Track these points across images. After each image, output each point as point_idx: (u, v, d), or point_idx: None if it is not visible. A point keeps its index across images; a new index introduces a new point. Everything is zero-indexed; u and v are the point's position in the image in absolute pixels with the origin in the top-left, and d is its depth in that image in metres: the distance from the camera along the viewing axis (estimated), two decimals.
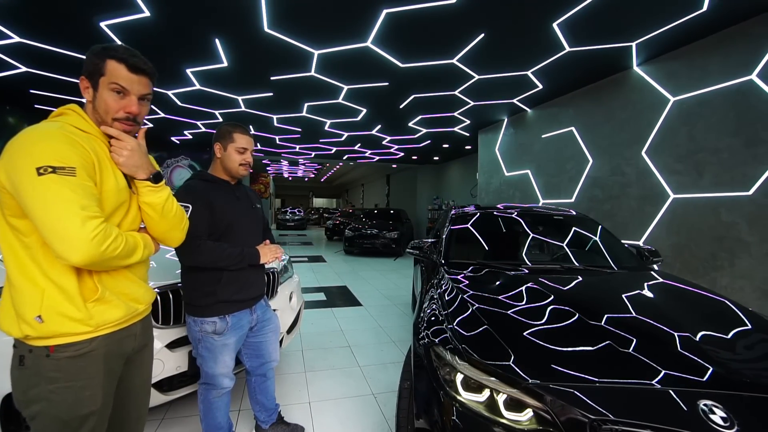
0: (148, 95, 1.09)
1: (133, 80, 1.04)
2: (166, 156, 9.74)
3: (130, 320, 1.11)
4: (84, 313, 0.97)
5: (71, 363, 0.97)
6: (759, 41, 2.97)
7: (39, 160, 0.87)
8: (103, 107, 1.02)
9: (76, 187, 0.90)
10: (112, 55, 1.02)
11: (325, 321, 4.13)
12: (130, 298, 1.10)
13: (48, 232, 0.88)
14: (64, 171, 0.89)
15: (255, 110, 6.15)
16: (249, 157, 1.70)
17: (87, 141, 0.98)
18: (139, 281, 1.15)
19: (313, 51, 3.78)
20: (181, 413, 2.23)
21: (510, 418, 1.10)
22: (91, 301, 0.99)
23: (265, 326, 1.86)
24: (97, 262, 0.92)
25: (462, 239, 2.68)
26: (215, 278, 1.60)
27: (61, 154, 0.90)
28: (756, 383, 1.13)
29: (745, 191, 3.06)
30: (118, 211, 1.05)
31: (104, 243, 0.91)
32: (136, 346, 1.15)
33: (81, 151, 0.95)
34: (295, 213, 19.83)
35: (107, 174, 1.02)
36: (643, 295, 1.82)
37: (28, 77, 4.65)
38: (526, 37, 3.44)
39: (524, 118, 6.05)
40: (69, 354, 0.96)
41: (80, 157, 0.94)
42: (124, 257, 1.00)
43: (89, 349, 0.99)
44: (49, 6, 3.01)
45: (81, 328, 0.97)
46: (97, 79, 1.02)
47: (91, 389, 1.00)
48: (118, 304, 1.05)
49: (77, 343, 0.98)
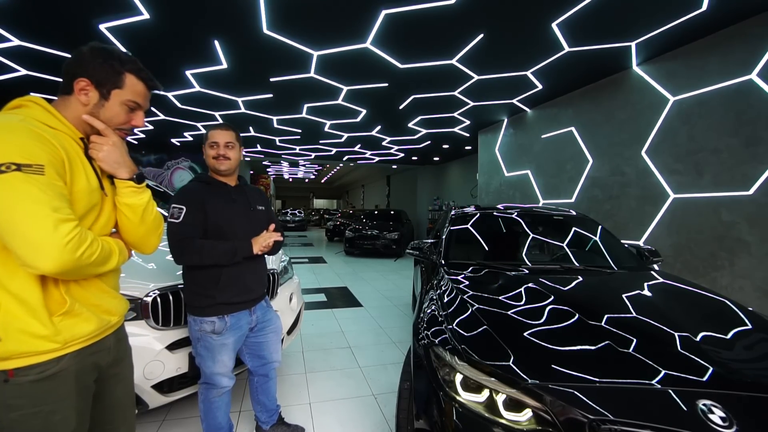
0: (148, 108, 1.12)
1: (147, 97, 1.06)
2: (166, 158, 9.75)
3: (102, 333, 1.01)
4: (50, 328, 0.86)
5: (36, 386, 0.86)
6: (758, 41, 2.97)
7: (1, 156, 0.77)
8: (109, 117, 0.99)
9: (46, 187, 0.80)
10: (130, 69, 0.99)
11: (326, 322, 4.13)
12: (101, 310, 1.00)
13: (13, 237, 0.77)
14: (30, 169, 0.79)
15: (255, 112, 6.16)
16: (222, 150, 1.65)
17: (54, 137, 0.88)
18: (111, 291, 1.06)
19: (313, 52, 3.79)
20: (181, 414, 2.23)
21: (509, 419, 1.10)
22: (58, 315, 0.88)
23: (265, 327, 1.85)
24: (70, 269, 0.83)
25: (462, 240, 2.68)
26: (213, 281, 1.60)
27: (26, 150, 0.80)
28: (756, 383, 1.13)
29: (745, 191, 3.06)
30: (89, 214, 0.97)
31: (79, 249, 0.82)
32: (110, 360, 1.05)
33: (49, 148, 0.85)
34: (295, 214, 19.87)
35: (78, 173, 0.92)
36: (643, 295, 1.82)
37: (27, 80, 4.66)
38: (525, 38, 3.44)
39: (524, 118, 6.06)
40: (32, 377, 0.85)
41: (48, 154, 0.83)
42: (100, 264, 0.91)
43: (57, 369, 0.88)
44: (49, 8, 3.02)
45: (46, 345, 0.86)
46: (110, 89, 0.98)
47: (62, 412, 0.90)
48: (89, 317, 0.95)
49: (41, 364, 0.86)
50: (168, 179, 9.70)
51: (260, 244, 1.68)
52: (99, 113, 0.98)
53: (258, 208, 1.81)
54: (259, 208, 1.82)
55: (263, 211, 1.84)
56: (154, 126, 7.24)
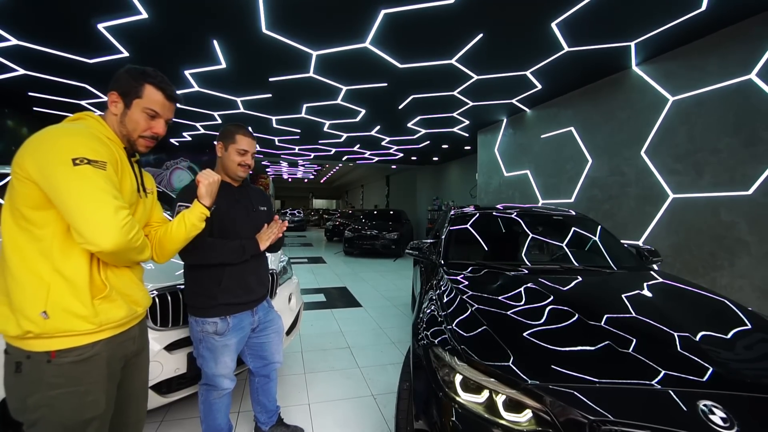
0: (171, 119, 1.21)
1: (166, 106, 1.15)
2: (165, 158, 9.73)
3: (129, 322, 1.13)
4: (90, 310, 0.97)
5: (74, 368, 0.97)
6: (758, 41, 2.97)
7: (75, 152, 0.92)
8: (133, 125, 1.11)
9: (108, 180, 0.96)
10: (150, 80, 1.11)
11: (325, 322, 4.12)
12: (131, 300, 1.12)
13: (80, 219, 0.90)
14: (97, 164, 0.94)
15: (254, 111, 6.15)
16: (249, 159, 1.69)
17: (110, 145, 1.06)
18: (139, 283, 1.18)
19: (312, 52, 3.78)
20: (179, 415, 2.22)
21: (509, 419, 1.10)
22: (98, 298, 1.00)
23: (267, 327, 1.85)
24: (122, 249, 0.96)
25: (461, 240, 2.67)
26: (215, 281, 1.60)
27: (93, 149, 0.96)
28: (756, 383, 1.12)
29: (745, 191, 3.06)
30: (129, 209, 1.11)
31: (131, 232, 0.97)
32: (134, 349, 1.17)
33: (108, 149, 1.02)
34: (294, 214, 19.87)
35: (126, 174, 1.10)
36: (643, 295, 1.82)
37: (26, 80, 4.65)
38: (524, 37, 3.44)
39: (523, 118, 6.05)
40: (71, 359, 0.96)
41: (109, 154, 1.01)
42: (140, 251, 1.06)
43: (92, 353, 1.00)
44: (47, 8, 3.01)
45: (85, 326, 0.97)
46: (132, 99, 1.10)
47: (94, 394, 1.00)
48: (121, 305, 1.07)
49: (79, 348, 0.97)
50: (167, 179, 9.68)
51: (268, 236, 1.69)
52: (125, 122, 1.11)
53: (260, 209, 1.82)
54: (261, 209, 1.82)
55: (264, 212, 1.84)
56: None
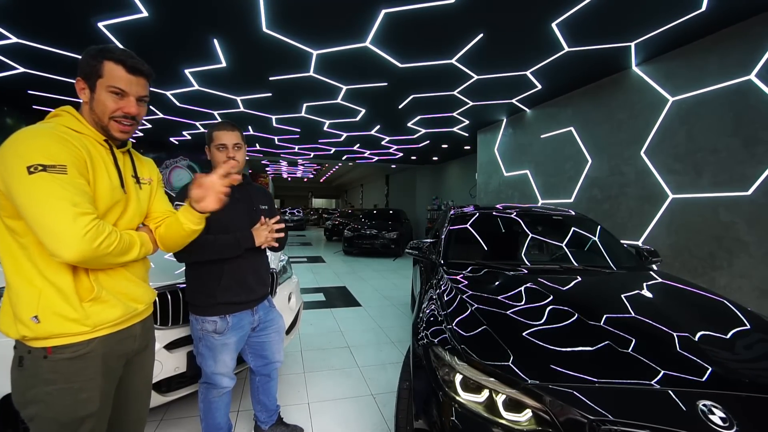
0: (145, 97, 1.10)
1: (132, 81, 1.04)
2: (165, 157, 9.71)
3: (129, 320, 1.10)
4: (80, 312, 0.96)
5: (69, 364, 0.96)
6: (757, 41, 2.97)
7: (29, 159, 0.87)
8: (101, 108, 1.02)
9: (67, 185, 0.90)
10: (109, 56, 1.01)
11: (324, 322, 4.12)
12: (128, 298, 1.09)
13: (40, 230, 0.88)
14: (54, 169, 0.89)
15: (254, 111, 6.15)
16: (231, 152, 1.63)
17: (79, 140, 0.99)
18: (137, 280, 1.14)
19: (312, 51, 3.77)
20: (179, 414, 2.22)
21: (509, 419, 1.10)
22: (87, 301, 0.98)
23: (268, 326, 1.85)
24: (89, 258, 0.91)
25: (461, 239, 2.68)
26: (215, 280, 1.60)
27: (50, 153, 0.90)
28: (755, 383, 1.13)
29: (744, 191, 3.06)
30: (113, 209, 1.05)
31: (97, 239, 0.91)
32: (136, 347, 1.15)
33: (72, 150, 0.95)
34: (294, 213, 19.85)
35: (101, 173, 1.02)
36: (642, 295, 1.82)
37: (25, 78, 4.64)
38: (524, 37, 3.44)
39: (523, 118, 6.05)
40: (66, 355, 0.96)
41: (71, 155, 0.93)
42: (119, 254, 0.99)
43: (87, 350, 0.99)
44: (47, 6, 3.00)
45: (78, 328, 0.96)
46: (95, 80, 1.01)
47: (89, 391, 0.99)
48: (115, 304, 1.04)
49: (75, 345, 0.97)
50: (167, 178, 9.67)
51: (262, 238, 1.67)
52: (94, 107, 1.03)
53: (261, 208, 1.81)
54: (262, 208, 1.81)
55: (266, 210, 1.82)
56: (152, 125, 7.21)
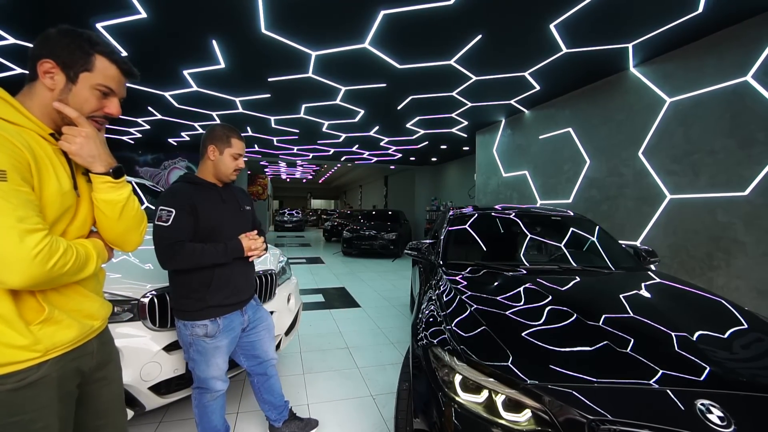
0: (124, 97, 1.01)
1: (122, 83, 0.97)
2: (163, 157, 9.72)
3: (84, 338, 0.97)
4: (29, 338, 0.81)
5: (15, 395, 0.81)
6: (754, 43, 2.99)
7: None
8: (79, 103, 0.90)
9: (9, 195, 0.73)
10: (101, 51, 0.91)
11: (324, 322, 4.12)
12: (83, 315, 0.95)
13: None
14: None
15: (252, 112, 6.14)
16: (242, 162, 1.71)
17: (18, 136, 0.80)
18: (92, 295, 1.00)
19: (311, 52, 3.78)
20: (178, 416, 2.22)
21: (508, 419, 1.10)
22: (36, 324, 0.83)
23: (257, 325, 1.85)
24: (42, 282, 0.78)
25: (460, 240, 2.68)
26: (204, 284, 1.58)
27: None
28: (753, 383, 1.13)
29: (741, 192, 3.08)
30: (63, 216, 0.90)
31: (50, 260, 0.77)
32: (93, 364, 1.00)
33: (11, 150, 0.76)
34: (293, 214, 19.83)
35: (47, 175, 0.84)
36: (641, 296, 1.83)
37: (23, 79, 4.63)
38: (523, 39, 3.45)
39: (522, 119, 6.07)
40: (10, 386, 0.80)
41: (11, 158, 0.76)
42: (76, 272, 0.86)
43: (38, 376, 0.84)
44: (45, 7, 3.00)
45: (26, 355, 0.82)
46: (78, 71, 0.89)
47: (44, 420, 0.85)
48: (70, 324, 0.90)
49: (21, 372, 0.81)
50: (165, 179, 9.65)
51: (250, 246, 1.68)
52: (67, 99, 0.89)
53: (246, 209, 1.83)
54: (247, 209, 1.84)
55: (250, 211, 1.86)
56: (150, 126, 7.20)
